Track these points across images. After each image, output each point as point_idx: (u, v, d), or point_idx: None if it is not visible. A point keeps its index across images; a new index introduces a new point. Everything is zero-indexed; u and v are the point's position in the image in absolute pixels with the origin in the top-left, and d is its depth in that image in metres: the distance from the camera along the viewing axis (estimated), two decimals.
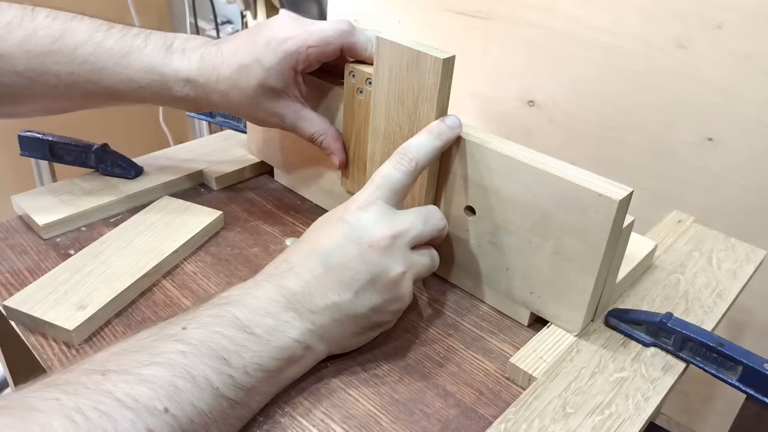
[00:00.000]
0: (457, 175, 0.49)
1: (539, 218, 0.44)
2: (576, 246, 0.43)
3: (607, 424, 0.39)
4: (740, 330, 0.84)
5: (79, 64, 0.50)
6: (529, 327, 0.49)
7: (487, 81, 0.94)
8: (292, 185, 0.67)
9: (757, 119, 0.73)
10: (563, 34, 0.85)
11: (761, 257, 0.58)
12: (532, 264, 0.46)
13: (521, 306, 0.49)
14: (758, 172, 0.75)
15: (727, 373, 0.43)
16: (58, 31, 0.49)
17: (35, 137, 0.61)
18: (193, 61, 0.51)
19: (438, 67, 0.45)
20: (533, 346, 0.45)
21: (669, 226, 0.62)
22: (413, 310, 0.51)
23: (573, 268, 0.44)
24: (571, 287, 0.45)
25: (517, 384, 0.44)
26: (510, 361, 0.44)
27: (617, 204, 0.40)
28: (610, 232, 0.41)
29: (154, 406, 0.31)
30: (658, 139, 0.81)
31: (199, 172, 0.66)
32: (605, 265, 0.44)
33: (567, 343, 0.46)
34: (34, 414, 0.28)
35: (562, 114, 0.89)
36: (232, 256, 0.56)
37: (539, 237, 0.45)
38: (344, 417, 0.40)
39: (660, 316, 0.45)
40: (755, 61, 0.71)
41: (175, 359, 0.34)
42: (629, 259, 0.51)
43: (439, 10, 0.97)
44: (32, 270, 0.52)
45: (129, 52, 0.50)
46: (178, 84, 0.51)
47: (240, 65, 0.50)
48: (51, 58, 0.49)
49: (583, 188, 0.41)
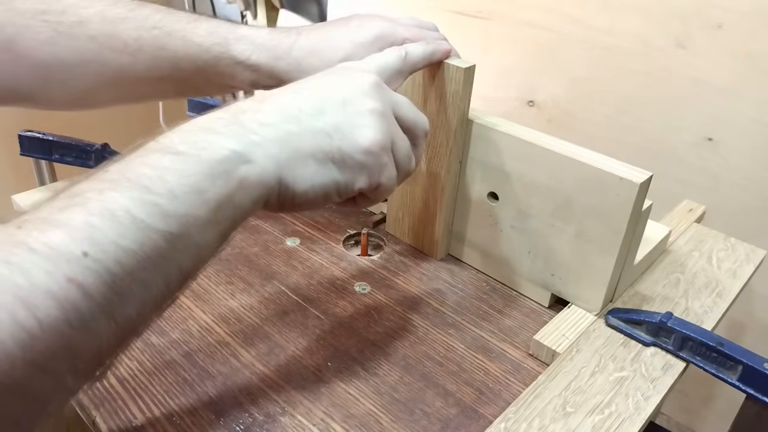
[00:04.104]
0: (480, 162, 0.51)
1: (561, 202, 0.46)
2: (597, 228, 0.45)
3: (607, 423, 0.39)
4: (740, 330, 0.84)
5: (148, 29, 0.50)
6: (534, 321, 0.50)
7: (487, 81, 0.94)
8: None
9: (757, 119, 0.73)
10: (563, 34, 0.85)
11: (761, 257, 0.58)
12: (553, 247, 0.48)
13: (542, 288, 0.51)
14: (758, 172, 0.75)
15: (727, 373, 0.43)
16: (136, 3, 0.51)
17: (35, 137, 0.61)
18: (262, 32, 0.51)
19: (460, 76, 0.47)
20: (555, 324, 0.48)
21: (681, 215, 0.64)
22: (413, 309, 0.51)
23: (594, 250, 0.46)
24: (592, 268, 0.47)
25: (541, 359, 0.46)
26: (534, 338, 0.46)
27: (638, 187, 0.42)
28: (630, 215, 0.43)
29: (71, 252, 0.27)
30: (658, 139, 0.81)
31: None
32: (625, 247, 0.45)
33: (587, 322, 0.48)
34: None
35: (562, 114, 0.89)
36: (232, 255, 0.56)
37: (561, 220, 0.47)
38: (344, 416, 0.41)
39: (660, 315, 0.45)
40: (755, 61, 0.71)
41: (92, 197, 0.29)
42: (646, 243, 0.53)
43: (439, 10, 0.97)
44: None
45: (197, 19, 0.51)
46: (242, 45, 0.51)
47: (327, 38, 0.50)
48: (124, 24, 0.50)
49: (605, 172, 0.43)
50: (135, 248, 0.29)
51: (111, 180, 0.30)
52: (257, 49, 0.51)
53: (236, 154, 0.32)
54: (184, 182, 0.31)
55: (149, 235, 0.29)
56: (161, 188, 0.30)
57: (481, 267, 0.56)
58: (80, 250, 0.27)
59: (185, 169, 0.31)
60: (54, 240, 0.27)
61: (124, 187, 0.30)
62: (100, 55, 0.50)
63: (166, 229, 0.30)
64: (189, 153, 0.32)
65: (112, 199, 0.29)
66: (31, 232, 0.27)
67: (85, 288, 0.27)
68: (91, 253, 0.27)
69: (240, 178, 0.32)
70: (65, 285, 0.26)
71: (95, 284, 0.27)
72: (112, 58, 0.51)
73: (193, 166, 0.31)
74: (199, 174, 0.31)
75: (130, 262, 0.28)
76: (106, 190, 0.29)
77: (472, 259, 0.56)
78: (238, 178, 0.32)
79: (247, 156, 0.33)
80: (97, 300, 0.27)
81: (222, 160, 0.32)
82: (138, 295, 0.29)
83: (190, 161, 0.31)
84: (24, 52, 0.49)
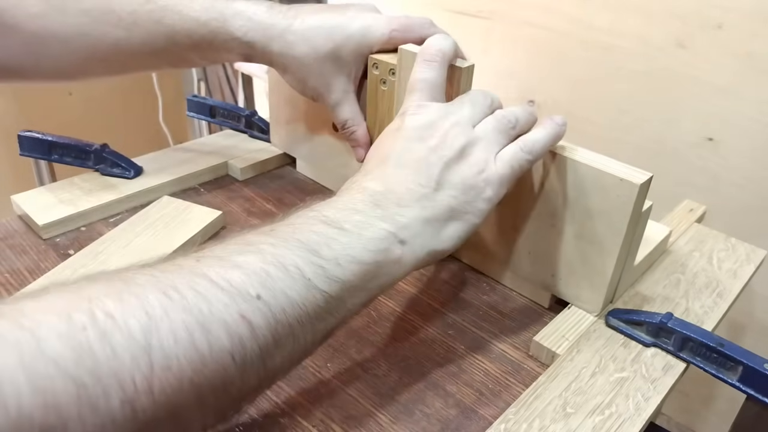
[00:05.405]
0: None
1: (561, 203, 0.46)
2: (597, 229, 0.45)
3: (608, 424, 0.39)
4: (740, 330, 0.84)
5: (142, 4, 0.50)
6: (534, 321, 0.49)
7: (487, 81, 0.94)
8: (315, 176, 0.69)
9: (757, 119, 0.73)
10: (563, 34, 0.85)
11: (761, 257, 0.58)
12: (554, 247, 0.48)
13: (542, 288, 0.51)
14: (758, 172, 0.75)
15: (728, 373, 0.43)
16: None
17: (35, 137, 0.61)
18: (261, 7, 0.52)
19: (459, 75, 0.47)
20: (555, 325, 0.47)
21: (681, 215, 0.64)
22: (413, 310, 0.51)
23: (594, 251, 0.46)
24: (592, 269, 0.46)
25: (541, 360, 0.46)
26: (534, 339, 0.46)
27: (638, 188, 0.42)
28: (630, 215, 0.43)
29: (247, 291, 0.30)
30: (658, 139, 0.81)
31: (199, 171, 0.66)
32: (625, 248, 0.45)
33: (587, 323, 0.48)
34: (132, 286, 0.28)
35: (561, 114, 0.89)
36: None
37: (561, 221, 0.47)
38: (344, 417, 0.40)
39: (660, 316, 0.45)
40: (755, 61, 0.71)
41: (266, 249, 0.32)
42: (646, 243, 0.53)
43: (440, 10, 0.97)
44: (32, 270, 0.51)
45: None
46: (239, 21, 0.51)
47: (321, 25, 0.51)
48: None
49: (606, 173, 0.43)
50: (299, 301, 0.32)
51: (282, 238, 0.34)
52: (254, 27, 0.51)
53: (392, 235, 0.36)
54: (348, 253, 0.34)
55: (313, 292, 0.32)
56: (328, 254, 0.34)
57: (481, 267, 0.55)
58: (255, 292, 0.30)
59: (349, 242, 0.35)
60: (234, 278, 0.30)
61: (295, 246, 0.33)
62: (94, 30, 0.50)
63: (327, 290, 0.33)
64: (351, 230, 0.35)
65: (284, 254, 0.32)
66: (212, 266, 0.30)
67: (253, 327, 0.30)
68: (263, 296, 0.30)
69: (396, 257, 0.36)
70: (238, 319, 0.29)
71: (260, 326, 0.30)
72: (107, 33, 0.50)
73: (355, 241, 0.35)
74: (361, 248, 0.35)
75: (292, 313, 0.31)
76: (279, 246, 0.33)
77: (471, 259, 0.56)
78: (394, 256, 0.36)
79: (400, 236, 0.37)
80: (259, 341, 0.30)
81: (380, 238, 0.36)
82: (288, 346, 0.32)
83: (352, 236, 0.35)
84: (15, 26, 0.49)
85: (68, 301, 0.26)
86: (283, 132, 0.69)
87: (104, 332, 0.25)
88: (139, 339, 0.26)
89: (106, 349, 0.25)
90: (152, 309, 0.27)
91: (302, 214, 0.36)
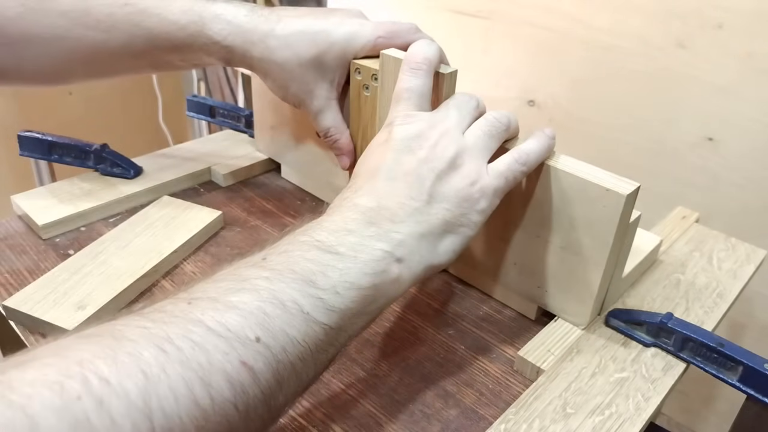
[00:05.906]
0: None
1: (547, 213, 0.45)
2: (584, 240, 0.44)
3: (608, 424, 0.39)
4: (740, 330, 0.84)
5: (120, 6, 0.50)
6: (534, 322, 0.49)
7: (487, 81, 0.94)
8: (300, 182, 0.67)
9: (757, 119, 0.73)
10: (563, 34, 0.85)
11: (761, 257, 0.58)
12: (539, 258, 0.47)
13: (528, 300, 0.50)
14: (758, 172, 0.75)
15: (728, 374, 0.43)
16: None
17: (35, 137, 0.61)
18: (241, 10, 0.50)
19: (443, 82, 0.45)
20: (541, 339, 0.46)
21: (674, 222, 0.63)
22: (413, 310, 0.51)
23: (581, 263, 0.45)
24: (579, 281, 0.45)
25: (525, 376, 0.45)
26: (518, 354, 0.45)
27: (624, 198, 0.41)
28: (617, 227, 0.42)
29: (246, 336, 0.28)
30: (658, 139, 0.81)
31: (199, 171, 0.66)
32: (612, 260, 0.44)
33: (574, 336, 0.47)
34: (124, 342, 0.26)
35: (562, 114, 0.89)
36: (231, 256, 0.56)
37: (547, 232, 0.46)
38: (344, 417, 0.40)
39: (660, 316, 0.45)
40: (755, 61, 0.71)
41: (261, 284, 0.31)
42: (635, 254, 0.51)
43: (439, 10, 0.97)
44: (32, 270, 0.51)
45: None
46: (218, 25, 0.50)
47: (304, 30, 0.50)
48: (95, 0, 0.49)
49: (591, 183, 0.42)
50: (299, 338, 0.31)
51: (276, 270, 0.32)
52: (234, 31, 0.50)
53: (388, 254, 0.35)
54: (345, 279, 0.33)
55: (312, 327, 0.31)
56: (325, 284, 0.32)
57: (468, 279, 0.54)
58: (254, 335, 0.29)
59: (345, 267, 0.34)
60: (230, 321, 0.29)
61: (290, 278, 0.32)
62: (71, 32, 0.50)
63: (327, 322, 0.32)
64: (346, 254, 0.34)
65: (280, 289, 0.31)
66: (205, 310, 0.29)
67: (255, 372, 0.28)
68: (263, 338, 0.29)
69: (394, 276, 0.35)
70: (239, 367, 0.28)
71: (262, 371, 0.29)
72: (85, 35, 0.50)
73: (352, 265, 0.34)
74: (358, 272, 0.34)
75: (293, 351, 0.30)
76: (274, 280, 0.31)
77: (459, 270, 0.55)
78: (392, 276, 0.35)
79: (396, 254, 0.36)
80: (261, 386, 0.29)
81: (377, 260, 0.35)
82: (291, 384, 0.31)
83: (348, 260, 0.34)
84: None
85: (58, 369, 0.24)
86: (267, 138, 0.68)
87: (101, 400, 0.24)
88: (138, 403, 0.24)
89: (105, 419, 0.23)
90: (148, 367, 0.25)
91: (294, 240, 0.35)
